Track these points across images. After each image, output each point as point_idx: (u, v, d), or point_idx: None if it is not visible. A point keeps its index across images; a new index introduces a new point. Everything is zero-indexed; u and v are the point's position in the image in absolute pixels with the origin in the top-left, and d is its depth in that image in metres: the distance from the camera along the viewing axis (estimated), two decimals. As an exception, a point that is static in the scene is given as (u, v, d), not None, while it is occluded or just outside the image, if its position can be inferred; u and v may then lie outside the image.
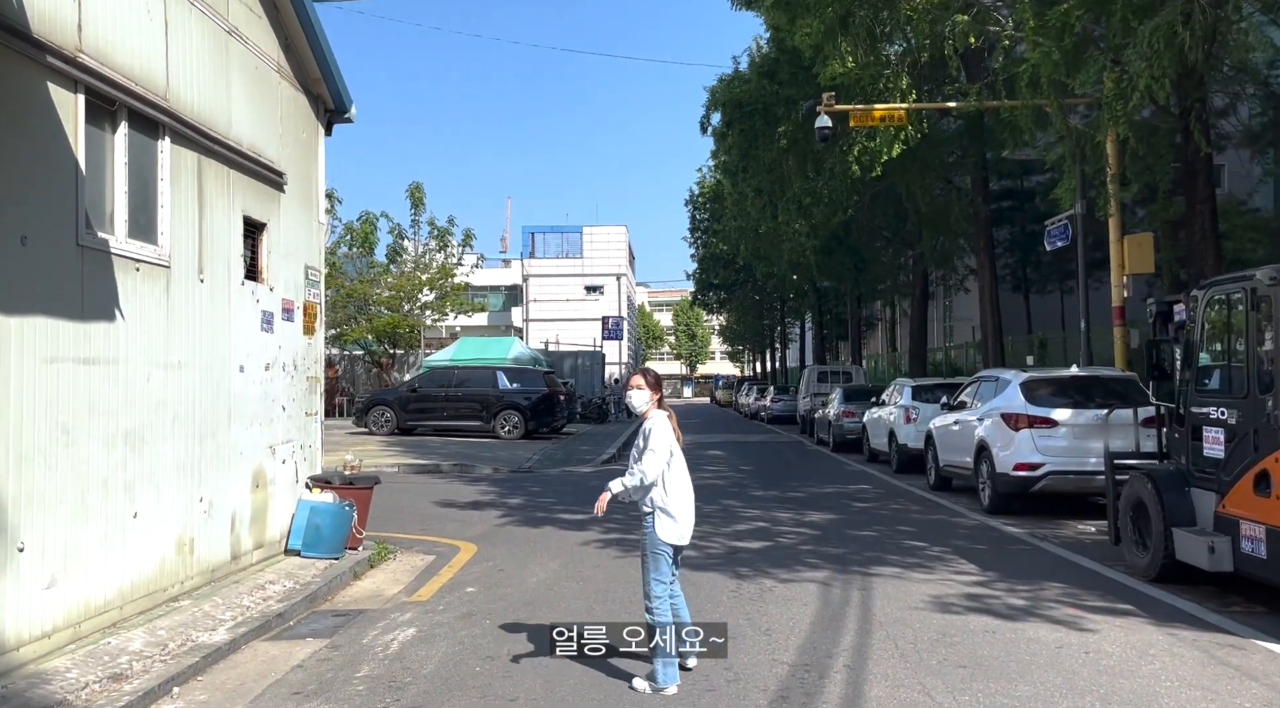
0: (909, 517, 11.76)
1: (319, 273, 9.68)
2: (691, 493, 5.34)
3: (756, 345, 74.90)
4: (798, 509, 12.40)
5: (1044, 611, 6.84)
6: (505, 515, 11.93)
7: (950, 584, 7.74)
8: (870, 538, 10.12)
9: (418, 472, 17.32)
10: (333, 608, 7.36)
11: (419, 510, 12.46)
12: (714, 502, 12.98)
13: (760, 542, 9.87)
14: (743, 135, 19.19)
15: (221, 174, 7.49)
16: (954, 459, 13.52)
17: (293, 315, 8.94)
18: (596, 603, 7.22)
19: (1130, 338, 14.81)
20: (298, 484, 8.98)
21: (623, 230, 77.09)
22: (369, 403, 25.52)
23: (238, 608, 6.76)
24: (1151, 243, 14.12)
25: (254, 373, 8.05)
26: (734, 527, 10.89)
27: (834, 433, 22.62)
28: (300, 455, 9.11)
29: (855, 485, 15.34)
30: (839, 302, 43.23)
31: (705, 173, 48.72)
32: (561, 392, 26.47)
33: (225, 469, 7.51)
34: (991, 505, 11.78)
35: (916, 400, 17.20)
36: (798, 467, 18.98)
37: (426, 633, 6.48)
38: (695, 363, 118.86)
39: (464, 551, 9.63)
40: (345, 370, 40.00)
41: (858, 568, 8.43)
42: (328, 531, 8.55)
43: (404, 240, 40.53)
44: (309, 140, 9.42)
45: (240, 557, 7.76)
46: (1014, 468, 11.27)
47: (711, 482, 15.59)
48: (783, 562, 8.75)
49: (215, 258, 7.39)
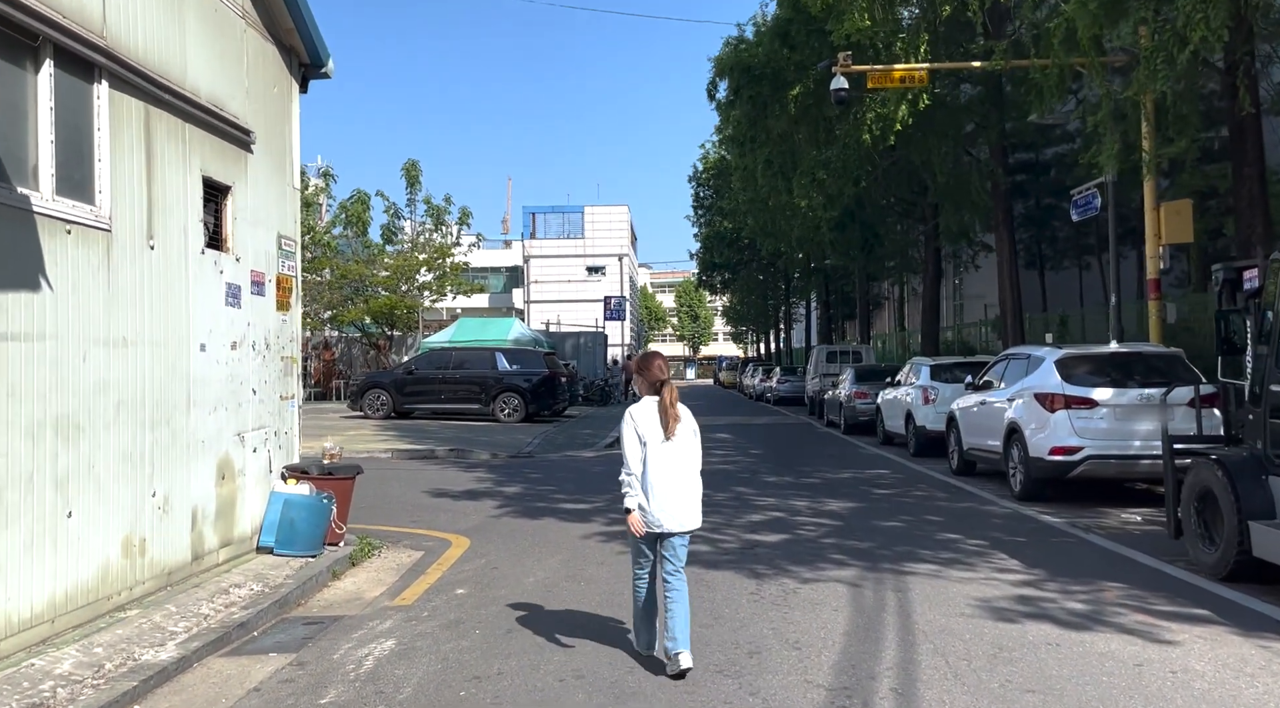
0: (935, 505, 10.95)
1: (294, 243, 8.83)
2: (677, 480, 5.02)
3: (760, 326, 74.02)
4: (815, 497, 11.59)
5: (1110, 617, 6.03)
6: (502, 506, 11.13)
7: (995, 584, 6.93)
8: (898, 529, 9.31)
9: (411, 458, 16.53)
10: (305, 614, 6.56)
11: (410, 500, 11.67)
12: (725, 489, 12.18)
13: (778, 534, 9.07)
14: (751, 103, 18.17)
15: (175, 128, 6.63)
16: (979, 443, 12.69)
17: (263, 289, 8.10)
18: (602, 606, 6.42)
19: (1166, 312, 13.92)
20: (272, 475, 8.18)
21: (624, 210, 76.06)
22: (364, 386, 24.71)
23: (194, 617, 5.96)
24: (1190, 210, 13.21)
25: (218, 352, 7.22)
26: (748, 517, 10.09)
27: (846, 415, 21.79)
28: (274, 443, 8.30)
29: (873, 470, 14.53)
30: (845, 281, 42.34)
31: (709, 148, 47.76)
32: (563, 373, 25.66)
33: (184, 460, 6.69)
34: (1023, 492, 10.96)
35: (935, 380, 16.36)
36: (810, 450, 18.17)
37: (407, 646, 5.68)
38: (698, 345, 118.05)
39: (456, 545, 8.83)
40: (342, 353, 39.21)
41: (889, 565, 7.62)
42: (303, 526, 7.75)
43: (400, 220, 39.65)
44: (281, 96, 8.55)
45: (203, 557, 6.96)
46: (1049, 452, 10.44)
47: (721, 467, 14.80)
48: (805, 558, 7.94)
49: (169, 222, 6.55)
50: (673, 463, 5.02)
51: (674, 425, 5.03)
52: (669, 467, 5.01)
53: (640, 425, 5.05)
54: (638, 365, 5.25)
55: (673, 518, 5.00)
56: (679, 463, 5.04)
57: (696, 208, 51.41)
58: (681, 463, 5.05)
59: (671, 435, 5.03)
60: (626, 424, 5.09)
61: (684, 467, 5.06)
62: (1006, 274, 20.09)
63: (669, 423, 5.02)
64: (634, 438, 5.05)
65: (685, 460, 5.07)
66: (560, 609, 6.41)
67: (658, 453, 5.01)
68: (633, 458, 5.03)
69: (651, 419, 5.05)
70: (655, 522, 5.00)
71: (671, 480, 5.00)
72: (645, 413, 5.08)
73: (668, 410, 5.03)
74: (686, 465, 5.08)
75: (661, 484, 4.99)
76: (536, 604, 6.57)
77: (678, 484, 5.02)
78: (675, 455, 5.03)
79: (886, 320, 48.78)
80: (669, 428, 5.02)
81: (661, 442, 5.02)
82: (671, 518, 5.00)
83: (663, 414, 5.03)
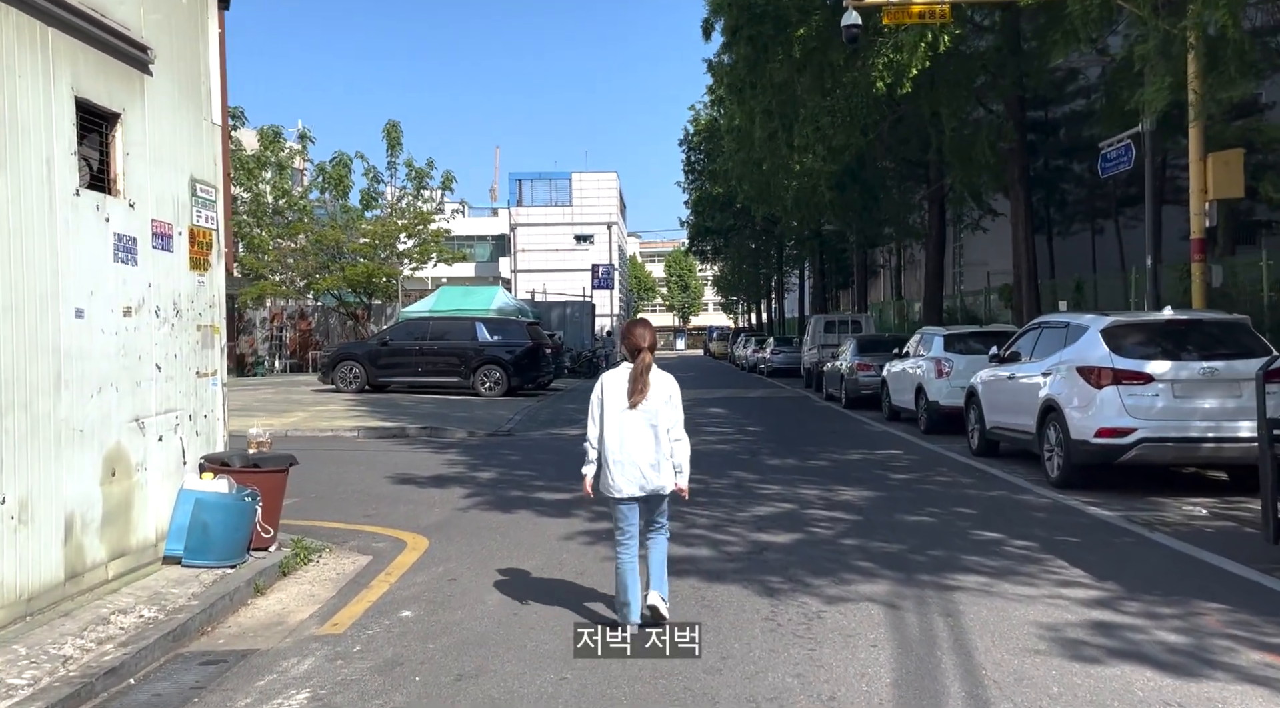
0: (963, 493, 9.67)
1: (214, 190, 7.38)
2: (635, 446, 4.99)
3: (752, 296, 72.63)
4: (826, 483, 10.30)
5: (1221, 655, 4.74)
6: (472, 495, 9.79)
7: (1062, 605, 5.64)
8: (927, 526, 8.02)
9: (379, 437, 15.18)
10: (208, 648, 5.22)
11: (368, 488, 10.32)
12: (724, 474, 10.87)
13: (789, 534, 7.76)
14: (750, 44, 16.53)
15: (26, 29, 5.17)
16: (1006, 421, 11.40)
17: (170, 243, 6.67)
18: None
19: (1211, 275, 12.59)
20: (186, 468, 6.80)
21: (613, 177, 74.23)
22: (335, 357, 23.24)
23: (49, 662, 4.61)
24: (1241, 161, 11.85)
25: (103, 319, 5.81)
26: (753, 510, 8.78)
27: (847, 388, 20.49)
28: (190, 430, 6.91)
29: (884, 450, 13.25)
30: (840, 249, 40.89)
31: (700, 110, 46.09)
32: (547, 344, 24.25)
33: (52, 454, 5.31)
34: (1061, 478, 9.68)
35: (949, 352, 15.05)
36: (812, 427, 16.87)
37: (325, 701, 4.35)
38: (688, 315, 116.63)
39: (411, 547, 7.50)
40: (319, 323, 37.73)
41: (927, 576, 6.33)
42: (219, 530, 6.39)
43: (380, 183, 37.95)
44: (192, 9, 7.07)
45: (84, 575, 5.60)
46: (1096, 434, 9.14)
47: (717, 447, 13.48)
48: (825, 566, 6.64)
49: (21, 151, 5.11)
50: (632, 430, 4.99)
51: (640, 396, 5.00)
52: (627, 433, 5.00)
53: (606, 391, 5.09)
54: (622, 332, 5.27)
55: (631, 482, 4.98)
56: (639, 430, 4.99)
57: (687, 172, 49.73)
58: (642, 430, 4.99)
59: (635, 405, 5.00)
60: (595, 390, 5.16)
61: (644, 433, 4.99)
62: (1021, 237, 18.73)
63: (635, 392, 5.00)
64: (596, 404, 5.11)
65: (647, 427, 4.99)
66: (528, 640, 5.09)
67: (618, 420, 5.02)
68: (591, 424, 5.12)
69: (620, 386, 5.07)
70: (611, 486, 5.04)
71: (629, 446, 4.98)
72: (616, 380, 5.11)
73: (637, 379, 5.02)
74: (648, 433, 4.99)
75: (617, 450, 5.00)
76: (498, 632, 5.25)
77: (635, 451, 4.98)
78: (637, 423, 5.00)
79: (881, 289, 47.45)
80: (634, 397, 5.00)
81: (624, 409, 5.02)
82: (630, 482, 4.98)
83: (632, 383, 5.02)
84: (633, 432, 4.98)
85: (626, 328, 5.19)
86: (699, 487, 9.94)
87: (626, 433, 4.98)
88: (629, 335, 5.12)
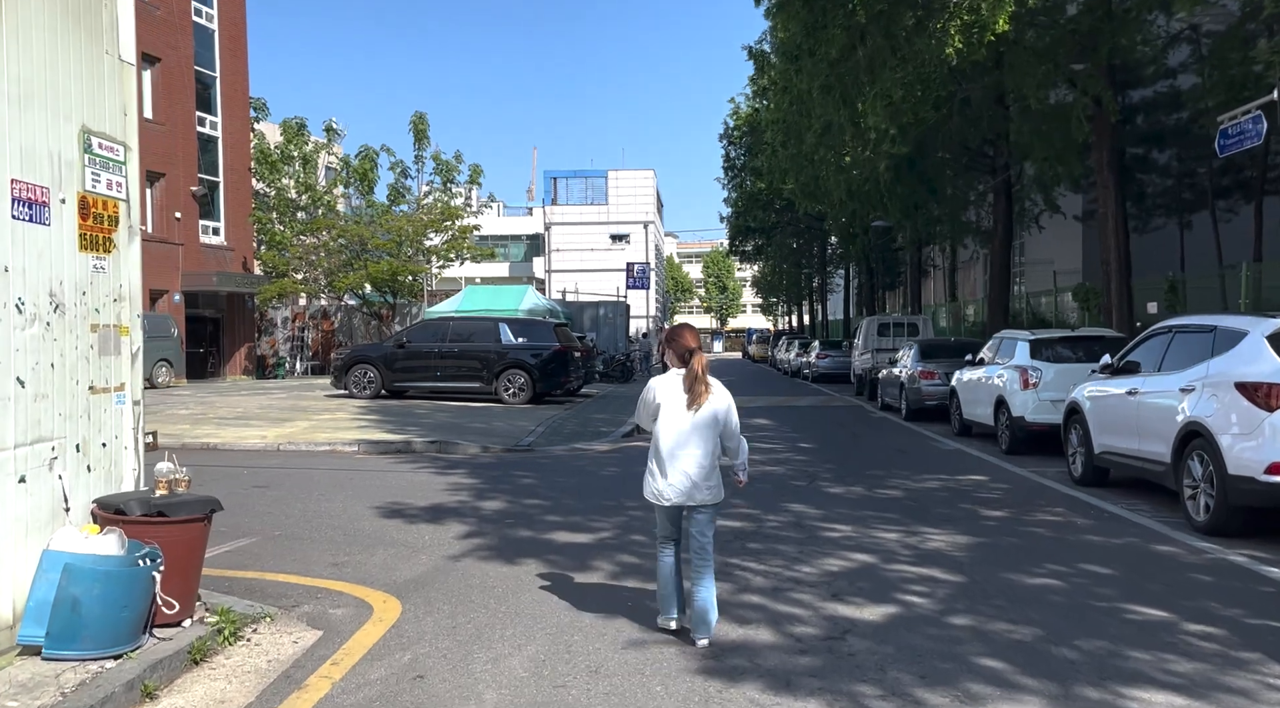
0: (1083, 540, 7.67)
1: (122, 148, 5.64)
2: (692, 453, 4.85)
3: (792, 297, 70.41)
4: (905, 522, 8.35)
5: None
6: (470, 535, 7.98)
7: (1326, 757, 3.68)
8: (1057, 594, 6.05)
9: (380, 452, 13.45)
10: (25, 812, 3.44)
11: (347, 523, 8.55)
12: (777, 508, 8.96)
13: (876, 605, 5.82)
14: (807, 7, 14.58)
15: None
16: (1123, 446, 9.38)
17: (43, 213, 4.93)
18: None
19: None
20: (68, 517, 5.06)
21: (650, 175, 72.39)
22: (348, 360, 21.58)
23: None
24: None
25: (-86, 316, 4.07)
26: (822, 563, 6.86)
27: (908, 398, 18.44)
28: (77, 464, 5.18)
29: (965, 476, 11.24)
30: (889, 247, 38.63)
31: (740, 102, 44.15)
32: (576, 347, 22.42)
33: None
34: (1213, 524, 7.65)
35: (1036, 359, 13.01)
36: (872, 443, 14.87)
37: None
38: (726, 316, 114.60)
39: (377, 617, 5.70)
40: (342, 323, 36.37)
41: (1091, 689, 4.39)
42: (94, 607, 4.61)
43: (407, 178, 36.53)
44: (85, -95, 5.32)
45: None
46: (1266, 471, 7.11)
47: (766, 469, 11.56)
48: (937, 667, 4.71)
49: None
50: (687, 437, 4.87)
51: (704, 396, 4.88)
52: (681, 441, 4.87)
53: (660, 394, 4.95)
54: (667, 336, 5.14)
55: (679, 492, 4.88)
56: (694, 438, 4.87)
57: (727, 169, 47.75)
58: (696, 438, 4.87)
59: (697, 406, 4.88)
60: (646, 392, 5.04)
61: (698, 442, 4.87)
62: (1111, 230, 16.55)
63: (698, 393, 4.88)
64: (649, 403, 4.98)
65: (702, 435, 4.88)
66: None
67: (676, 423, 4.89)
68: (646, 422, 5.03)
69: (675, 389, 4.94)
70: (659, 493, 4.94)
71: (681, 455, 4.87)
72: (669, 383, 4.98)
73: (697, 380, 4.90)
74: (702, 442, 4.87)
75: (668, 454, 4.89)
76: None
77: (687, 460, 4.86)
78: (693, 430, 4.87)
79: (933, 291, 45.11)
80: (697, 398, 4.88)
81: (683, 411, 4.90)
82: (678, 492, 4.88)
83: (690, 383, 4.91)
84: (687, 440, 4.89)
85: (672, 333, 5.10)
86: (751, 527, 8.05)
87: (681, 441, 4.89)
88: (677, 339, 5.02)
